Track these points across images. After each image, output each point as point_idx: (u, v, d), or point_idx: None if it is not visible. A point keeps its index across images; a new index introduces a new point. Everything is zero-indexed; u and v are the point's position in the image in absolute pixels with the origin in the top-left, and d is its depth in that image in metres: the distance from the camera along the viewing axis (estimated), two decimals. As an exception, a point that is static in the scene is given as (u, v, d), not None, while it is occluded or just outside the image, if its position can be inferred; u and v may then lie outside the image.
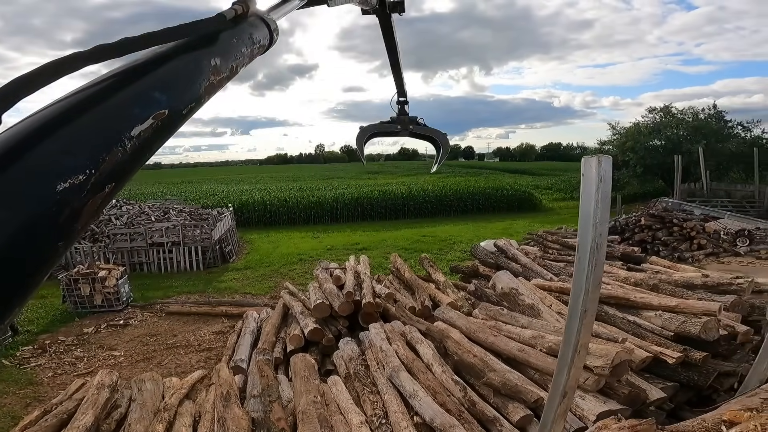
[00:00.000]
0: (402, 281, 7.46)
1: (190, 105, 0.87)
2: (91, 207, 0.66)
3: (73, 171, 0.63)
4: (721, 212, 14.98)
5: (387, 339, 4.44)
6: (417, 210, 24.28)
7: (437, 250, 14.50)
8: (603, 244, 1.98)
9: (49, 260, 0.63)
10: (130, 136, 0.71)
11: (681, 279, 5.15)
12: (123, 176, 0.73)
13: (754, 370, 3.16)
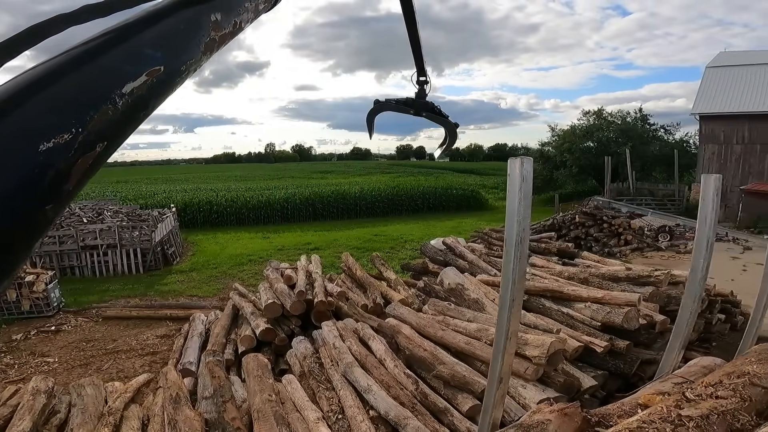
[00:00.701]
0: (354, 280, 7.56)
1: (189, 62, 0.84)
2: (80, 167, 0.64)
3: (57, 130, 0.60)
4: (645, 210, 16.45)
5: (340, 336, 4.51)
6: (369, 209, 24.43)
7: (389, 248, 14.73)
8: (526, 237, 2.17)
9: (38, 225, 0.61)
10: (121, 93, 0.69)
11: (607, 272, 5.65)
12: (116, 135, 0.71)
13: (666, 357, 3.50)
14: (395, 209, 24.98)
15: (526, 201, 2.14)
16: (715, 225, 2.85)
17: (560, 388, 3.45)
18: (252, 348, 5.22)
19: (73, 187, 0.64)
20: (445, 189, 27.76)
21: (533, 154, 35.70)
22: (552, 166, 29.64)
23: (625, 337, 4.25)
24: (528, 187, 2.14)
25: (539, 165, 31.05)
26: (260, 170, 65.06)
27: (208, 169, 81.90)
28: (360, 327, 4.69)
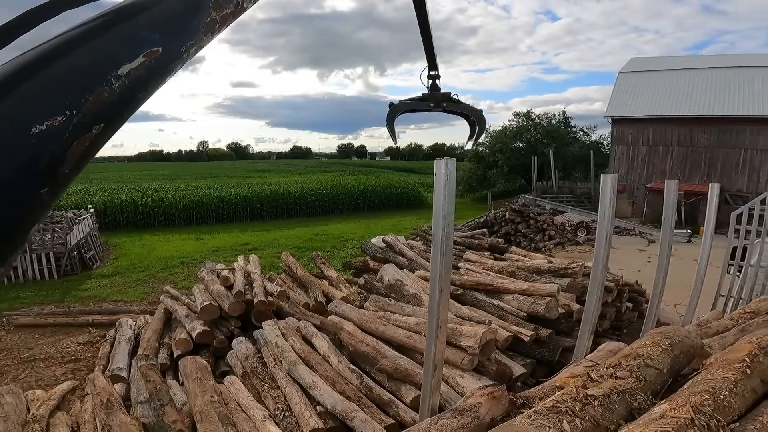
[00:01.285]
0: (295, 279, 7.50)
1: (189, 43, 0.82)
2: (76, 150, 0.63)
3: (50, 113, 0.60)
4: (566, 207, 17.89)
5: (282, 335, 4.49)
6: (310, 209, 24.16)
7: (330, 247, 14.70)
8: (450, 232, 2.35)
9: (34, 209, 0.59)
10: (117, 75, 0.68)
11: (532, 266, 6.12)
12: (113, 117, 0.70)
13: (578, 343, 3.84)
14: (336, 208, 24.92)
15: (450, 198, 2.30)
16: (612, 219, 3.22)
17: (494, 376, 3.68)
18: (189, 351, 5.03)
19: (69, 170, 0.63)
20: (385, 188, 28.17)
21: (469, 154, 37.27)
22: (485, 165, 31.14)
23: (547, 326, 4.63)
24: (452, 186, 2.31)
25: (474, 165, 32.52)
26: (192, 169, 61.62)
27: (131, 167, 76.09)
28: (303, 325, 4.70)
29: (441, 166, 2.30)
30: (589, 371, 2.10)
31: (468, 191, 31.91)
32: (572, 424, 1.67)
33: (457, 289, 5.34)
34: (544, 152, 26.73)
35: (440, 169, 2.31)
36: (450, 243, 2.34)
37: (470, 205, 26.79)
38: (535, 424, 1.58)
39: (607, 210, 3.18)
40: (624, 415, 1.95)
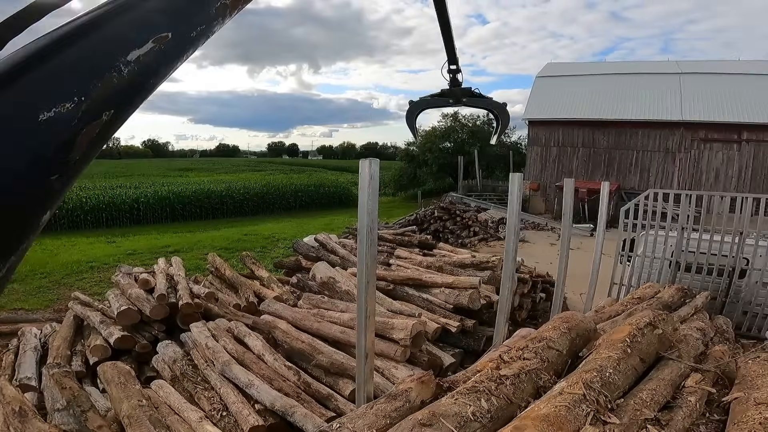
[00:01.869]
0: (224, 280, 7.25)
1: (200, 28, 0.81)
2: (86, 136, 0.63)
3: (58, 99, 0.59)
4: (489, 204, 19.07)
5: (213, 336, 4.38)
6: (238, 209, 23.21)
7: (260, 248, 14.30)
8: (374, 227, 2.51)
9: (45, 196, 0.59)
10: (126, 61, 0.68)
11: (457, 260, 6.52)
12: (124, 103, 0.69)
13: (496, 330, 4.19)
14: (266, 208, 24.21)
15: (373, 195, 2.46)
16: (519, 214, 3.58)
17: (426, 367, 3.88)
18: (107, 358, 4.71)
19: (80, 156, 0.63)
20: (317, 186, 27.91)
21: (400, 153, 38.03)
22: (416, 164, 32.07)
23: (472, 316, 4.98)
24: (375, 184, 2.47)
25: (405, 164, 33.35)
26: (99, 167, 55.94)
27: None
28: (234, 326, 4.61)
29: (365, 166, 2.45)
30: (502, 354, 2.36)
31: (399, 190, 32.66)
32: (489, 401, 1.89)
33: (388, 284, 5.53)
34: (469, 152, 28.15)
35: (364, 169, 2.45)
36: (374, 237, 2.50)
37: (402, 204, 27.46)
38: (458, 403, 1.77)
39: (515, 206, 3.52)
40: (532, 393, 2.22)
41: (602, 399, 2.08)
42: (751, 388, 2.37)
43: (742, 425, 1.99)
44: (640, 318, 2.78)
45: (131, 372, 3.60)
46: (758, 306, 5.39)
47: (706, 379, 2.58)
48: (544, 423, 1.67)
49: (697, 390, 2.44)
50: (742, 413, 2.12)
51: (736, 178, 20.09)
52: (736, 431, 1.98)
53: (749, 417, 2.04)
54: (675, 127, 20.70)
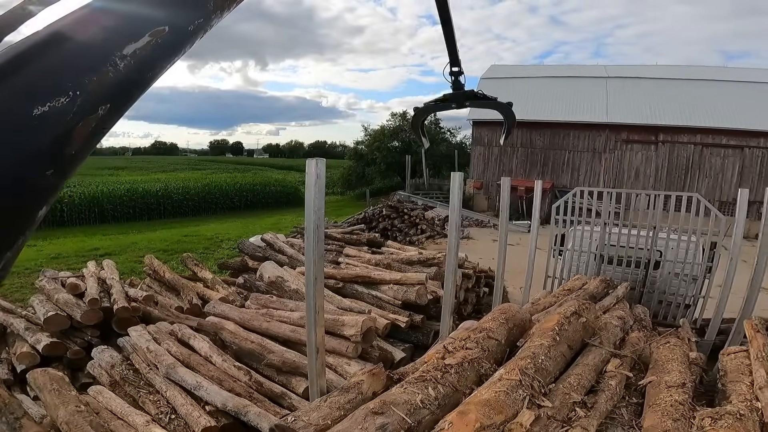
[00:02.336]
0: (163, 283, 6.91)
1: (197, 21, 0.80)
2: (82, 131, 0.62)
3: (53, 94, 0.59)
4: (435, 202, 19.62)
5: (154, 340, 4.22)
6: (176, 209, 22.03)
7: (203, 249, 13.73)
8: (321, 224, 2.59)
9: (41, 191, 0.58)
10: (122, 55, 0.67)
11: (405, 257, 6.69)
12: (121, 97, 0.68)
13: (442, 323, 4.38)
14: (208, 208, 23.21)
15: (320, 194, 2.54)
16: (459, 210, 3.78)
17: (377, 362, 3.88)
18: (36, 365, 4.38)
19: (76, 150, 0.62)
20: (263, 186, 27.18)
21: (349, 152, 37.93)
22: (364, 163, 32.20)
23: (420, 312, 5.14)
24: (322, 183, 2.54)
25: (354, 163, 33.38)
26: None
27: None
28: (177, 328, 4.46)
29: (312, 166, 2.52)
30: (446, 345, 2.50)
31: (348, 189, 32.64)
32: (436, 389, 2.02)
33: (338, 282, 5.58)
34: (417, 151, 28.72)
35: (311, 169, 2.52)
36: (321, 234, 2.57)
37: (350, 202, 27.47)
38: (407, 392, 1.87)
39: (455, 204, 3.72)
40: (475, 380, 2.38)
41: (536, 384, 2.27)
42: (662, 372, 2.67)
43: (656, 408, 2.20)
44: (566, 308, 3.04)
45: (65, 378, 3.40)
46: (671, 295, 6.03)
47: (624, 364, 2.86)
48: (486, 407, 1.81)
49: (617, 374, 2.71)
50: (656, 396, 2.35)
51: (653, 177, 22.17)
52: (651, 413, 2.17)
53: (662, 399, 2.26)
54: (601, 128, 22.46)
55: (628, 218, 6.46)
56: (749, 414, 2.06)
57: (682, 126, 21.39)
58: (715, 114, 21.36)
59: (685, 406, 2.18)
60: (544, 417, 2.00)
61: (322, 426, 1.57)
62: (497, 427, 1.77)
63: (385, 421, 1.57)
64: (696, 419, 2.05)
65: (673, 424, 2.00)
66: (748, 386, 2.55)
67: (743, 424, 1.93)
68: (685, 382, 2.47)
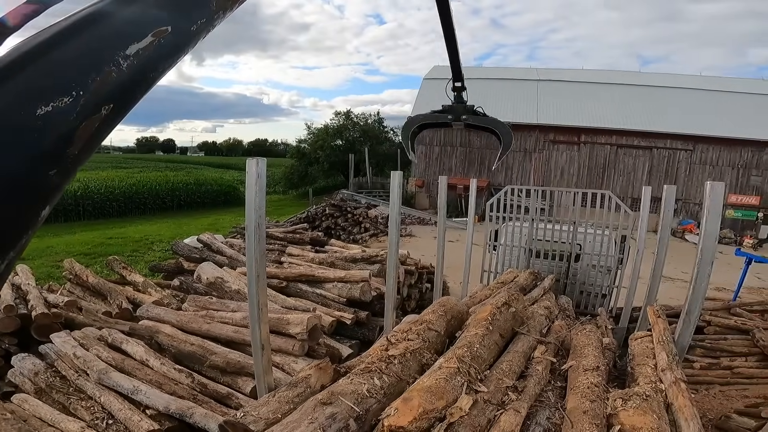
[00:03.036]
0: (87, 288, 6.42)
1: (200, 21, 0.79)
2: (85, 131, 0.62)
3: (56, 94, 0.59)
4: (379, 201, 19.84)
5: (81, 345, 3.98)
6: (98, 210, 20.34)
7: (131, 251, 12.86)
8: (262, 223, 2.60)
9: (43, 191, 0.58)
10: (125, 55, 0.67)
11: (349, 255, 6.76)
12: (124, 97, 0.67)
13: (386, 317, 4.47)
14: (135, 209, 21.66)
15: (261, 193, 2.55)
16: (400, 208, 3.93)
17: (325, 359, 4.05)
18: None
19: (79, 150, 0.62)
20: (198, 185, 25.85)
21: (291, 151, 37.16)
22: (307, 162, 31.72)
23: (365, 308, 5.24)
24: (262, 182, 2.56)
25: (296, 161, 32.77)
26: None
27: None
28: (106, 333, 4.24)
29: (252, 165, 2.53)
30: (389, 337, 2.61)
31: (290, 188, 32.00)
32: (381, 379, 2.11)
33: (281, 282, 5.52)
34: (360, 150, 28.83)
35: (252, 168, 2.53)
36: (263, 233, 2.58)
37: (292, 202, 26.98)
38: (354, 383, 1.95)
39: (395, 201, 3.86)
40: (417, 369, 2.51)
41: (473, 371, 2.44)
42: (580, 357, 2.94)
43: (576, 390, 2.40)
44: (498, 299, 3.27)
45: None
46: (590, 286, 6.63)
47: (549, 350, 3.12)
48: (428, 394, 1.93)
49: (543, 360, 2.94)
50: (575, 379, 2.57)
51: (576, 175, 24.08)
52: (572, 396, 2.37)
53: (580, 382, 2.47)
54: (532, 129, 23.97)
55: (554, 214, 6.99)
56: (654, 395, 2.28)
57: (600, 128, 23.44)
58: (629, 117, 23.65)
59: (600, 388, 2.40)
60: (481, 401, 2.14)
61: (273, 420, 1.59)
62: (439, 412, 1.90)
63: (334, 411, 1.63)
64: (609, 400, 2.25)
65: (591, 405, 2.19)
66: (653, 368, 2.81)
67: (649, 404, 2.15)
68: (599, 366, 2.72)
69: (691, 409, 2.27)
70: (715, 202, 2.94)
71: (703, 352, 5.78)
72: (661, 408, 2.22)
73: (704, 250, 2.93)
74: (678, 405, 2.31)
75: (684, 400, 2.32)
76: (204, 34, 0.85)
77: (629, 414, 2.05)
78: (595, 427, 1.98)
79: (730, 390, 4.90)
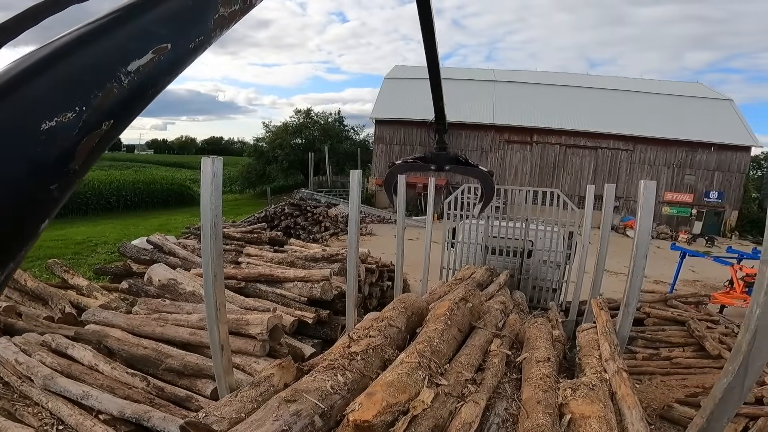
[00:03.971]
0: (25, 292, 5.99)
1: (198, 39, 0.80)
2: (86, 146, 0.63)
3: (60, 109, 0.59)
4: (339, 200, 19.76)
5: (23, 351, 3.75)
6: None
7: (72, 254, 12.09)
8: (219, 222, 2.58)
9: (44, 205, 0.59)
10: (126, 71, 0.67)
11: (309, 254, 6.70)
12: (123, 113, 0.68)
13: (347, 315, 4.44)
14: (77, 209, 20.28)
15: (216, 192, 2.52)
16: (359, 207, 3.96)
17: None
18: None
19: (79, 166, 0.62)
20: (147, 184, 24.55)
21: (249, 149, 36.15)
22: (265, 161, 31.00)
23: (326, 307, 5.21)
24: (218, 182, 2.52)
25: (253, 160, 31.92)
26: None
27: None
28: (50, 339, 4.00)
29: (208, 164, 2.49)
30: (351, 334, 2.64)
31: (248, 187, 31.17)
32: (344, 375, 2.13)
33: (239, 282, 5.39)
34: (320, 149, 28.53)
35: (207, 167, 2.49)
36: (219, 232, 2.55)
37: (250, 201, 26.26)
38: (317, 380, 1.96)
39: (355, 200, 3.89)
40: (380, 365, 2.55)
41: (433, 365, 2.51)
42: (533, 349, 3.08)
43: (530, 381, 2.52)
44: (455, 294, 3.38)
45: None
46: (542, 280, 6.96)
47: (504, 344, 3.26)
48: (390, 388, 1.97)
49: (499, 353, 3.07)
50: (529, 370, 2.70)
51: (529, 174, 25.12)
52: (527, 386, 2.49)
53: (533, 374, 2.59)
54: (488, 129, 24.74)
55: (508, 212, 7.28)
56: (600, 384, 2.43)
57: (551, 128, 24.58)
58: (577, 118, 24.95)
59: (551, 378, 2.53)
60: (442, 394, 2.21)
61: (236, 419, 1.57)
62: (402, 405, 1.94)
63: (299, 408, 1.64)
64: (560, 390, 2.38)
65: (544, 395, 2.31)
66: (598, 359, 2.98)
67: (596, 393, 2.29)
68: (550, 357, 2.87)
69: (633, 398, 2.42)
70: (648, 200, 3.18)
71: (644, 343, 6.20)
72: (607, 397, 2.36)
73: (639, 245, 3.16)
74: (621, 394, 2.46)
75: (626, 389, 2.49)
76: (201, 51, 0.86)
77: (578, 403, 2.18)
78: (548, 416, 2.08)
79: (670, 380, 5.28)
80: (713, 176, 24.00)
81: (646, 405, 4.55)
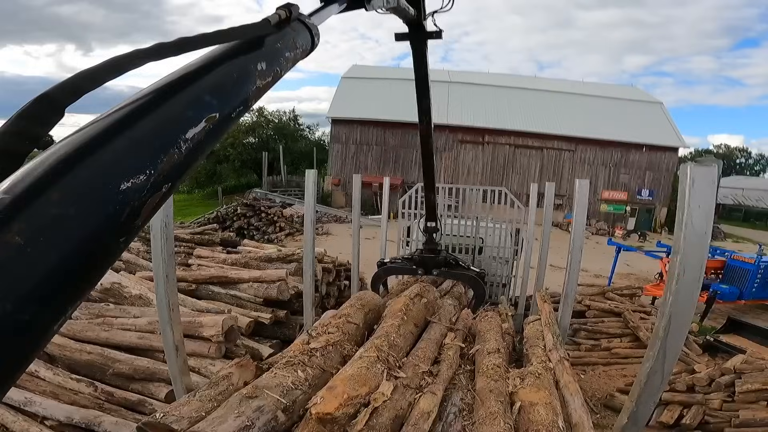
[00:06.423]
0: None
1: (239, 108, 0.88)
2: (149, 206, 0.68)
3: (135, 172, 0.65)
4: (294, 200, 19.47)
5: None
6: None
7: None
8: (170, 222, 2.56)
9: (111, 255, 0.65)
10: (185, 138, 0.74)
11: (264, 255, 6.59)
12: (178, 177, 0.74)
13: (305, 314, 4.49)
14: None
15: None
16: (314, 207, 3.99)
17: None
18: None
19: (141, 222, 0.68)
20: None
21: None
22: (216, 160, 29.91)
23: (283, 307, 5.17)
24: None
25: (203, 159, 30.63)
26: None
27: None
28: None
29: None
30: (310, 331, 2.67)
31: (197, 187, 29.93)
32: (305, 371, 2.17)
33: (190, 284, 5.24)
34: (274, 148, 27.90)
35: None
36: (170, 232, 2.51)
37: (199, 202, 25.22)
38: (278, 376, 1.98)
39: (310, 200, 3.91)
40: (340, 361, 2.60)
41: (391, 359, 2.59)
42: (484, 341, 3.23)
43: (482, 372, 2.65)
44: (411, 290, 3.49)
45: None
46: (492, 276, 7.24)
47: (458, 337, 3.39)
48: (351, 381, 2.03)
49: (453, 346, 3.18)
50: (481, 362, 2.82)
51: (481, 173, 25.98)
52: (480, 377, 2.61)
53: (485, 365, 2.72)
54: (443, 129, 25.30)
55: (461, 210, 7.53)
56: (545, 373, 2.60)
57: (501, 129, 25.56)
58: (525, 119, 26.11)
59: (501, 368, 2.67)
60: (401, 386, 2.28)
61: (197, 418, 1.56)
62: (363, 398, 2.00)
63: (261, 404, 1.65)
64: (510, 379, 2.53)
65: (495, 384, 2.44)
66: (543, 349, 3.17)
67: (541, 381, 2.45)
68: (500, 348, 3.02)
69: (575, 385, 2.62)
70: (582, 198, 3.46)
71: (586, 335, 6.65)
72: (552, 385, 2.52)
73: (575, 240, 3.42)
74: (564, 382, 2.66)
75: (568, 377, 2.69)
76: (238, 120, 0.94)
77: (527, 391, 2.34)
78: (500, 404, 2.21)
79: (611, 370, 5.70)
80: (645, 175, 25.95)
81: (591, 395, 4.90)
